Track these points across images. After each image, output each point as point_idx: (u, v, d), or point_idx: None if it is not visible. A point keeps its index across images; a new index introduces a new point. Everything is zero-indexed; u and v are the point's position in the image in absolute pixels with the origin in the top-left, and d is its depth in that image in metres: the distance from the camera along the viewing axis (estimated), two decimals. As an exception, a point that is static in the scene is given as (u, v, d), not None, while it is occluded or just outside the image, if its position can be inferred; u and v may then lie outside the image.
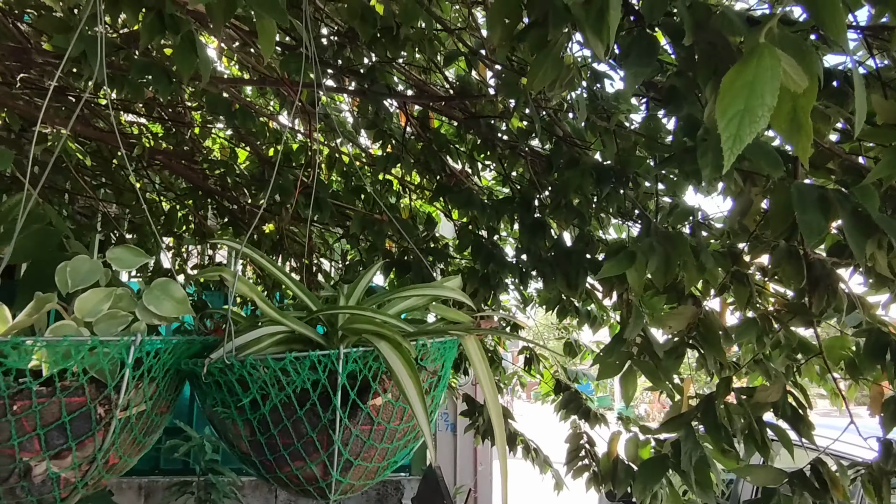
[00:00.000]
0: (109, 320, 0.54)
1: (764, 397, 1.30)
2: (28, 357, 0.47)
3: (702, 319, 1.24)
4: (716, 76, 0.87)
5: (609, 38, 0.68)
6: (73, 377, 0.50)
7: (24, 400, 0.48)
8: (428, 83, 2.47)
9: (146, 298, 0.56)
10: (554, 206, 2.16)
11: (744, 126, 0.49)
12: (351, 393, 0.54)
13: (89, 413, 0.50)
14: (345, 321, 0.58)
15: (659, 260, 1.10)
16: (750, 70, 0.49)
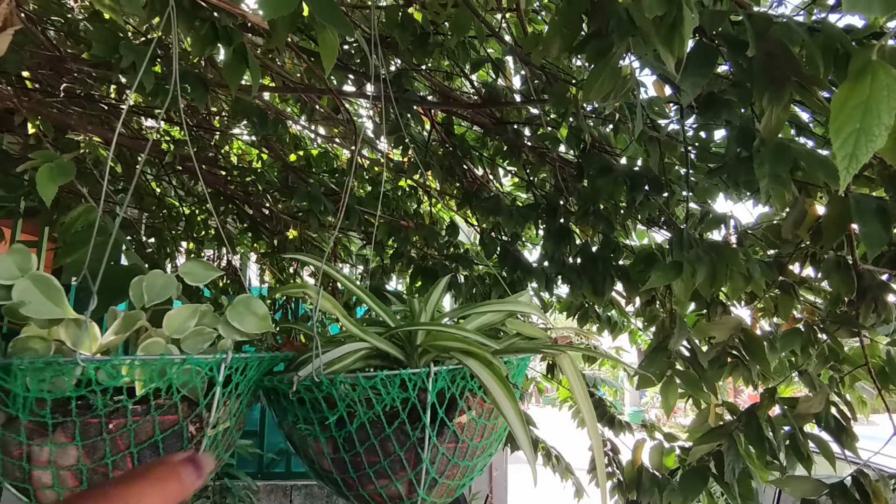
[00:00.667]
0: (196, 337, 0.53)
1: (807, 408, 1.28)
2: (122, 375, 0.47)
3: (744, 330, 1.23)
4: (773, 86, 0.86)
5: (682, 50, 0.67)
6: (167, 395, 0.49)
7: (119, 419, 0.48)
8: (452, 88, 2.47)
9: (230, 315, 0.55)
10: (581, 212, 2.15)
11: (860, 145, 0.49)
12: (440, 411, 0.53)
13: (181, 431, 0.50)
14: (426, 338, 0.57)
15: (706, 271, 1.09)
16: (863, 88, 0.49)
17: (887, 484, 1.42)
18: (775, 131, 0.86)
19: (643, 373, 1.21)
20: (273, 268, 3.84)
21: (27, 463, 0.47)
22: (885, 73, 0.49)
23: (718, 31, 0.86)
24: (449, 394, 0.54)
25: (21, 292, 0.48)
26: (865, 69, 0.50)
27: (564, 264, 2.36)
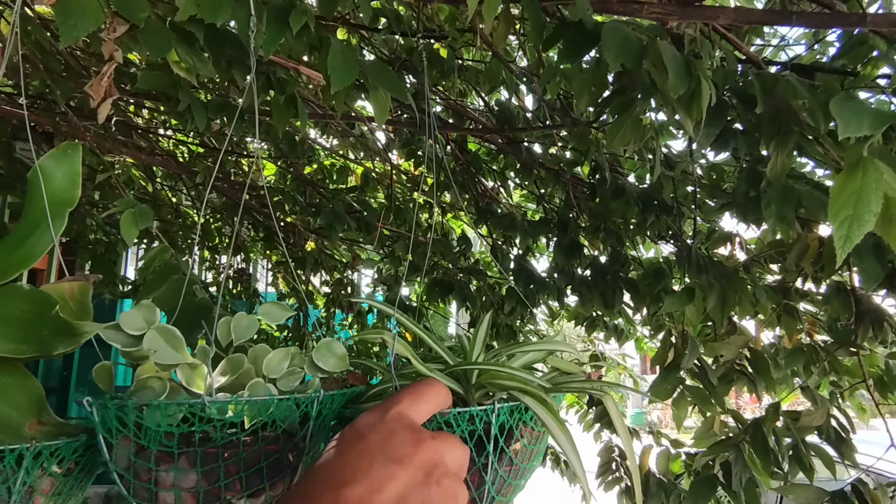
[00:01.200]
0: (289, 377, 0.63)
1: (809, 421, 1.37)
2: (238, 413, 0.56)
3: (751, 348, 1.32)
4: (779, 135, 0.95)
5: (700, 115, 0.76)
6: (271, 429, 0.59)
7: (233, 448, 0.57)
8: (466, 106, 2.56)
9: (315, 356, 0.65)
10: (593, 228, 2.24)
11: (853, 229, 0.58)
12: (500, 440, 0.63)
13: (282, 458, 0.59)
14: (483, 376, 0.66)
15: (717, 297, 1.19)
16: (856, 180, 0.58)
17: (885, 492, 1.51)
18: (781, 174, 0.95)
19: (651, 393, 1.30)
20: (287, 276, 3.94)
21: (154, 486, 0.57)
22: (874, 168, 0.58)
23: (731, 87, 0.95)
24: (508, 426, 0.64)
25: (150, 342, 0.57)
26: (858, 163, 0.59)
27: (574, 276, 2.45)
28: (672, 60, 0.72)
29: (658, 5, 0.84)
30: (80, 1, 0.76)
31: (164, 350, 0.58)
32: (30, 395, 0.60)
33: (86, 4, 0.76)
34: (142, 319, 0.59)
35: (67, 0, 0.75)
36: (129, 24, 0.79)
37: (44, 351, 0.57)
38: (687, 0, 0.83)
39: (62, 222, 0.72)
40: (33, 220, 0.72)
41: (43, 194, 0.71)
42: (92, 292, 0.76)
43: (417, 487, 0.43)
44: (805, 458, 1.36)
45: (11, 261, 0.68)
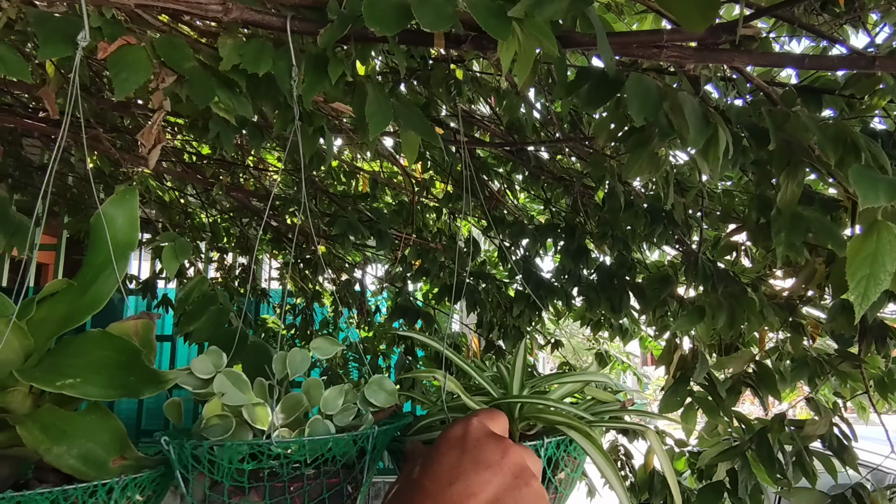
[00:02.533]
0: (344, 413, 0.69)
1: (813, 430, 1.43)
2: (302, 451, 0.62)
3: (757, 362, 1.38)
4: (788, 167, 1.00)
5: (717, 162, 0.81)
6: (332, 463, 0.64)
7: (298, 482, 0.63)
8: (474, 113, 2.60)
9: (367, 393, 0.71)
10: (600, 235, 2.29)
11: (870, 288, 0.63)
12: (548, 471, 0.69)
13: (342, 490, 0.65)
14: (528, 409, 0.72)
15: (726, 316, 1.24)
16: (871, 242, 0.63)
17: (884, 495, 1.57)
18: (791, 203, 1.00)
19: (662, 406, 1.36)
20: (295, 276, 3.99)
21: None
22: (888, 231, 0.63)
23: (744, 123, 1.00)
24: (554, 458, 0.69)
25: (219, 385, 0.63)
26: (873, 227, 0.64)
27: (580, 279, 2.50)
28: (692, 114, 0.76)
29: (676, 49, 0.88)
30: (132, 54, 0.80)
31: (232, 392, 0.63)
32: (112, 433, 0.66)
33: (137, 58, 0.80)
34: (210, 364, 0.64)
35: (120, 54, 0.79)
36: (177, 74, 0.83)
37: (131, 395, 0.63)
38: (705, 44, 0.88)
39: (125, 264, 0.77)
40: (98, 264, 0.77)
41: (108, 239, 0.76)
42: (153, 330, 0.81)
43: (509, 490, 0.47)
44: (808, 466, 1.42)
45: (83, 304, 0.73)
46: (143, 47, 0.81)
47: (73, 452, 0.64)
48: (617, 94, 0.83)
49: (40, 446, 0.64)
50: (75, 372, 0.63)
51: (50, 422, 0.66)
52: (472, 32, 0.83)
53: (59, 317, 0.71)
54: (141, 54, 0.81)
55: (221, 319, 0.98)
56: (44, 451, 0.64)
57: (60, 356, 0.66)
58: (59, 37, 0.75)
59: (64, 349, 0.68)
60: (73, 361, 0.65)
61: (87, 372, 0.63)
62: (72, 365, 0.64)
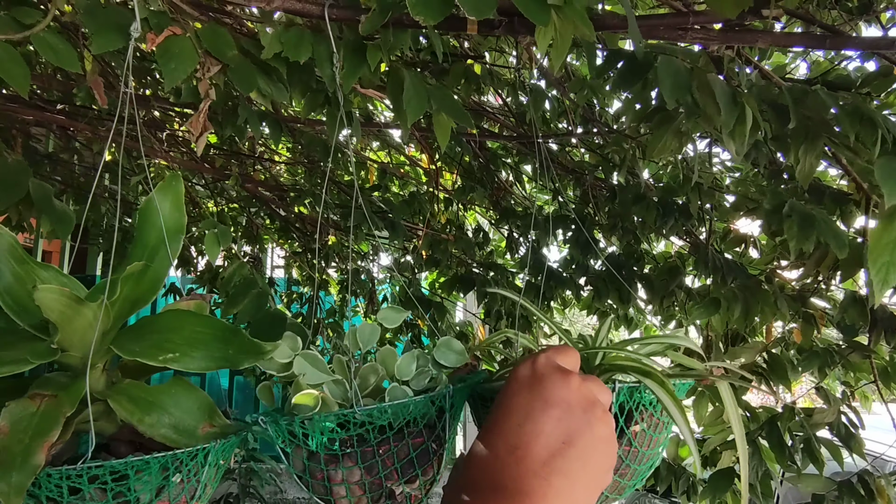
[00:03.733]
0: (419, 377, 0.72)
1: (821, 418, 1.47)
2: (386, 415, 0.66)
3: (769, 352, 1.41)
4: (808, 140, 1.02)
5: (744, 138, 0.84)
6: (414, 425, 0.69)
7: (385, 445, 0.67)
8: (484, 105, 2.62)
9: (437, 355, 0.74)
10: (610, 226, 2.32)
11: (891, 273, 0.66)
12: (620, 420, 0.72)
13: (427, 449, 0.69)
14: (606, 358, 0.75)
15: (741, 308, 1.27)
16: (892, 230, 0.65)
17: (889, 481, 1.61)
18: (808, 175, 1.02)
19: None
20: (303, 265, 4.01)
21: (327, 482, 0.67)
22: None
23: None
24: (627, 406, 0.72)
25: (299, 367, 0.67)
26: (893, 215, 0.67)
27: (588, 269, 2.54)
28: (722, 95, 0.79)
29: (701, 31, 0.91)
30: (179, 44, 0.83)
31: (311, 372, 0.67)
32: (199, 403, 0.69)
33: (183, 48, 0.83)
34: (287, 349, 0.68)
35: (167, 44, 0.82)
36: (222, 63, 0.85)
37: (231, 365, 0.66)
38: (729, 25, 0.90)
39: (177, 246, 0.80)
40: (150, 246, 0.80)
41: (161, 223, 0.79)
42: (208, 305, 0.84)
43: (579, 427, 0.47)
44: (817, 453, 1.46)
45: (144, 286, 0.76)
46: (189, 37, 0.84)
47: (164, 421, 0.68)
48: (645, 75, 0.85)
49: (133, 416, 0.67)
50: (174, 346, 0.66)
51: (137, 394, 0.69)
52: (504, 18, 0.85)
53: (125, 298, 0.74)
54: (187, 44, 0.83)
55: (262, 302, 1.00)
56: (137, 421, 0.67)
57: (151, 333, 0.70)
58: (112, 28, 0.77)
59: (149, 326, 0.71)
60: (168, 336, 0.68)
61: (185, 346, 0.67)
62: (168, 340, 0.67)
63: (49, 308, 0.66)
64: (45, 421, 0.66)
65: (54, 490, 0.69)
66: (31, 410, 0.67)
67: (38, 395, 0.69)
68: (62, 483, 0.69)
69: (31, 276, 0.75)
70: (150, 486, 0.71)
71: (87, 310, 0.68)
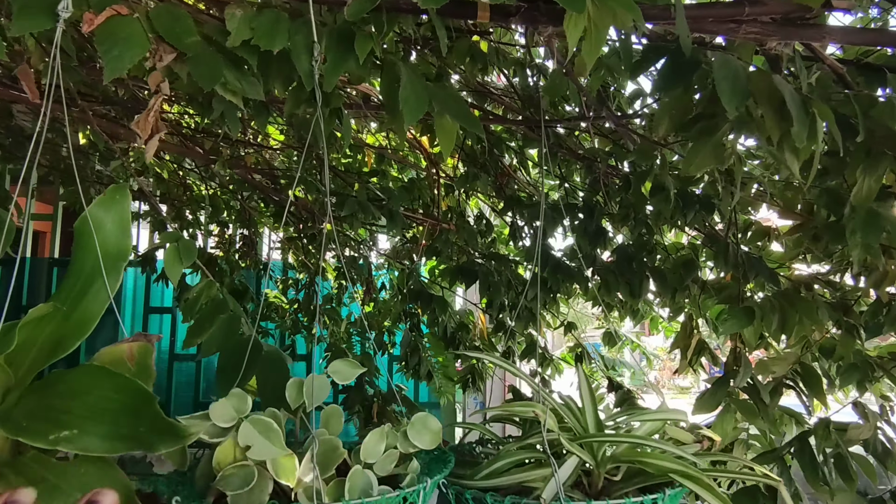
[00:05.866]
0: (385, 460, 0.59)
1: (857, 435, 1.35)
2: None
3: (803, 364, 1.28)
4: (868, 158, 0.89)
5: (808, 156, 0.70)
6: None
7: None
8: (488, 85, 2.46)
9: (410, 434, 0.61)
10: (621, 216, 2.18)
11: None
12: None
13: None
14: (626, 451, 0.62)
15: (778, 318, 1.14)
16: None
17: (924, 498, 1.50)
18: (867, 199, 0.89)
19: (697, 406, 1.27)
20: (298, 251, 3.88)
21: None
22: None
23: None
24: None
25: (245, 437, 0.53)
26: None
27: (595, 261, 2.41)
28: (794, 104, 0.65)
29: (757, 24, 0.76)
30: (125, 27, 0.68)
31: (261, 444, 0.53)
32: (116, 487, 0.55)
33: (130, 31, 0.68)
34: (232, 410, 0.54)
35: (110, 27, 0.67)
36: (177, 51, 0.71)
37: (141, 448, 0.52)
38: (790, 18, 0.75)
39: (117, 277, 0.66)
40: (85, 276, 0.66)
41: (96, 247, 0.65)
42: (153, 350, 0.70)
43: None
44: (850, 470, 1.34)
45: (69, 326, 0.62)
46: (137, 19, 0.69)
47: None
48: (693, 73, 0.71)
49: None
50: (71, 420, 0.52)
51: (38, 475, 0.56)
52: (523, 4, 0.71)
53: (44, 343, 0.60)
54: (135, 27, 0.68)
55: (233, 328, 0.87)
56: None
57: (51, 397, 0.56)
58: (37, 7, 0.63)
59: (53, 387, 0.57)
60: (68, 405, 0.54)
61: (86, 420, 0.53)
62: (67, 411, 0.53)
63: None
64: None
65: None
66: None
67: None
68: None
69: None
70: None
71: None
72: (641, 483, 0.64)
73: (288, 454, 0.56)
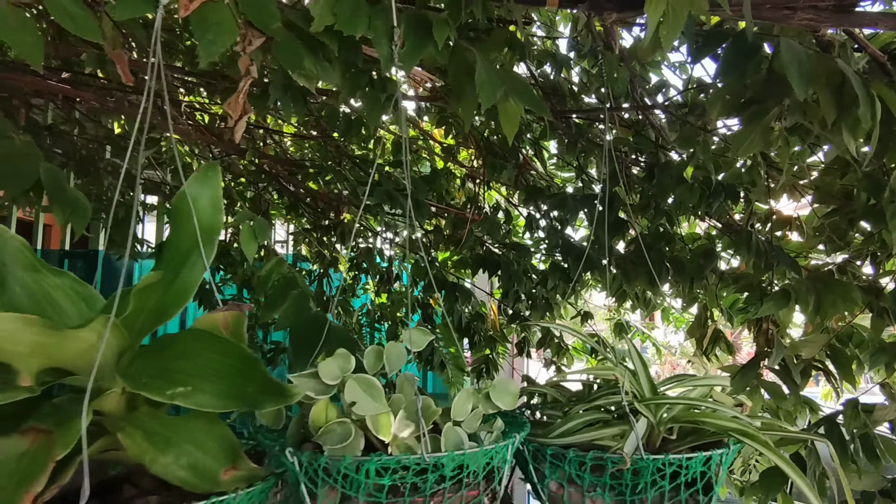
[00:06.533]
0: (473, 418, 0.63)
1: (883, 416, 1.39)
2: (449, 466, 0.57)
3: (833, 346, 1.32)
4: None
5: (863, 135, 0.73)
6: (474, 476, 0.59)
7: (438, 497, 0.58)
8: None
9: (493, 395, 0.65)
10: (642, 206, 2.22)
11: None
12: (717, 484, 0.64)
13: (480, 502, 0.60)
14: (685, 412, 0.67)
15: (814, 300, 1.18)
16: None
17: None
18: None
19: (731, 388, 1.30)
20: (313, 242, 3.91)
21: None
22: None
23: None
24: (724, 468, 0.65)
25: (350, 393, 0.56)
26: None
27: (612, 251, 2.44)
28: (858, 86, 0.68)
29: (810, 11, 0.79)
30: (217, 13, 0.71)
31: (364, 401, 0.57)
32: (222, 443, 0.59)
33: (222, 17, 0.71)
34: (337, 369, 0.58)
35: (204, 12, 0.70)
36: (265, 36, 0.74)
37: (250, 407, 0.56)
38: (843, 5, 0.78)
39: (212, 249, 0.69)
40: (183, 249, 0.69)
41: (194, 221, 0.68)
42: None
43: None
44: (878, 450, 1.38)
45: (171, 296, 0.65)
46: (227, 5, 0.72)
47: (181, 462, 0.58)
48: (755, 58, 0.74)
49: (146, 456, 0.58)
50: (185, 379, 0.56)
51: (153, 428, 0.59)
52: (592, -9, 0.74)
53: (150, 310, 0.64)
54: (225, 13, 0.71)
55: (303, 304, 0.90)
56: (150, 462, 0.58)
57: (165, 358, 0.59)
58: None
59: (165, 349, 0.60)
60: (181, 366, 0.58)
61: (198, 379, 0.56)
62: (180, 370, 0.57)
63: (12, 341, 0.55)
64: (32, 466, 0.55)
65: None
66: (20, 450, 0.56)
67: (33, 430, 0.58)
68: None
69: (41, 284, 0.65)
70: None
71: (86, 332, 0.57)
72: (695, 442, 0.69)
73: (386, 411, 0.60)
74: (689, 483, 0.64)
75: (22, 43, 0.63)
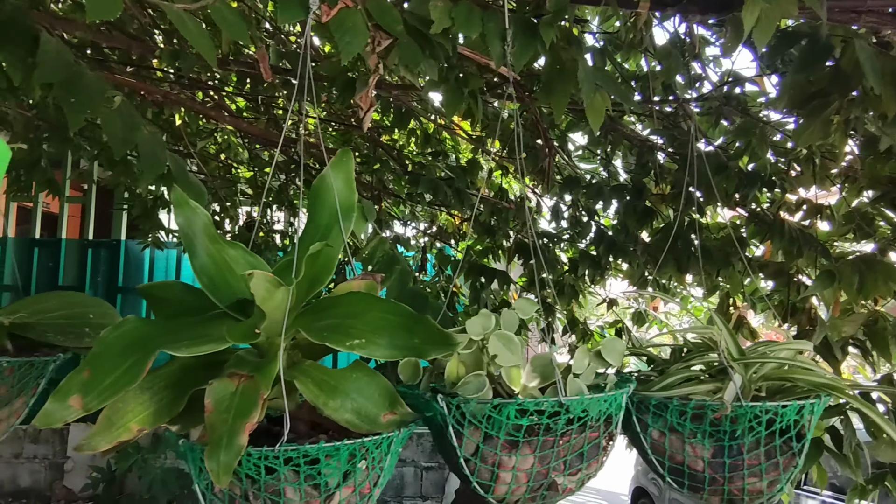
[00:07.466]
0: (589, 372, 0.73)
1: (915, 390, 1.48)
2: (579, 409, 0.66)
3: (868, 324, 1.42)
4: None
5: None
6: (597, 420, 0.69)
7: (566, 437, 0.67)
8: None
9: (603, 353, 0.75)
10: (673, 195, 2.30)
11: None
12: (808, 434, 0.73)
13: (599, 444, 0.69)
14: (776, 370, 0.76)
15: (858, 280, 1.27)
16: None
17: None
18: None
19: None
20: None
21: (496, 468, 0.67)
22: None
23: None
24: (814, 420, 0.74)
25: (493, 347, 0.66)
26: None
27: (637, 240, 2.53)
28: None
29: (875, 14, 0.88)
30: (351, 18, 0.80)
31: (504, 354, 0.67)
32: (381, 390, 0.69)
33: (355, 21, 0.80)
34: (480, 327, 0.67)
35: (342, 17, 0.79)
36: (392, 37, 0.83)
37: (418, 356, 0.66)
38: (903, 11, 0.87)
39: (349, 224, 0.79)
40: (322, 225, 0.79)
41: (334, 200, 0.78)
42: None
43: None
44: (909, 423, 1.48)
45: (319, 266, 0.75)
46: (360, 11, 0.81)
47: (347, 406, 0.68)
48: (828, 57, 0.83)
49: (318, 400, 0.67)
50: (359, 333, 0.66)
51: (320, 378, 0.69)
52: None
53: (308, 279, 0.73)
54: (357, 18, 0.80)
55: (406, 279, 1.00)
56: (322, 405, 0.67)
57: (337, 317, 0.69)
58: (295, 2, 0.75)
59: (333, 309, 0.70)
60: (353, 322, 0.67)
61: (370, 332, 0.66)
62: (353, 326, 0.67)
63: (259, 294, 0.66)
64: (245, 402, 0.66)
65: (252, 469, 0.70)
66: (231, 390, 0.67)
67: (236, 375, 0.69)
68: (260, 463, 0.69)
69: (222, 254, 0.75)
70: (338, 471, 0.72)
71: (280, 292, 0.67)
72: (783, 398, 0.78)
73: (520, 364, 0.70)
74: (783, 430, 0.74)
75: (201, 45, 0.72)
